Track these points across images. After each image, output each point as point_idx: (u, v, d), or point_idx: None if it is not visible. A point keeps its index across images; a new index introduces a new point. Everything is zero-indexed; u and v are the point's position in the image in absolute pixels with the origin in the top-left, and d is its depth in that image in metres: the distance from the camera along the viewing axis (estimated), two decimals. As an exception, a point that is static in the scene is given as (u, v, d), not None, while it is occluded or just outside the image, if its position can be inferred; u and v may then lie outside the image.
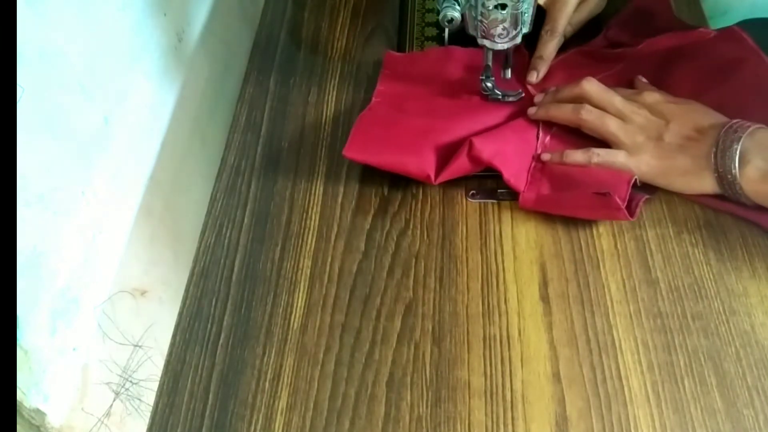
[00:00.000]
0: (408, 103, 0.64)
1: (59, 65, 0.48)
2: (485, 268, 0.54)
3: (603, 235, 0.54)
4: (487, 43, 0.58)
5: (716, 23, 0.72)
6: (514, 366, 0.48)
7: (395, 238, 0.56)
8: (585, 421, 0.46)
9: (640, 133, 0.56)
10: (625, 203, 0.52)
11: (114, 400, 0.57)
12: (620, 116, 0.57)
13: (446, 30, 0.59)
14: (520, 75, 0.65)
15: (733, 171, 0.51)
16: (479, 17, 0.56)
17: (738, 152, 0.51)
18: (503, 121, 0.62)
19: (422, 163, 0.57)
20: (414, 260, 0.54)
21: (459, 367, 0.49)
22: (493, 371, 0.48)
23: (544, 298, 0.51)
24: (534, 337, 0.50)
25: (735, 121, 0.53)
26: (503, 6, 0.54)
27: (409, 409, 0.47)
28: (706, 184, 0.54)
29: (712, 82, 0.58)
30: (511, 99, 0.62)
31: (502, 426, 0.46)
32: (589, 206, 0.54)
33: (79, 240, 0.52)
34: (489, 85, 0.62)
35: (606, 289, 0.52)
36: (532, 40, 0.64)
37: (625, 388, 0.47)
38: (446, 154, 0.58)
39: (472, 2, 0.55)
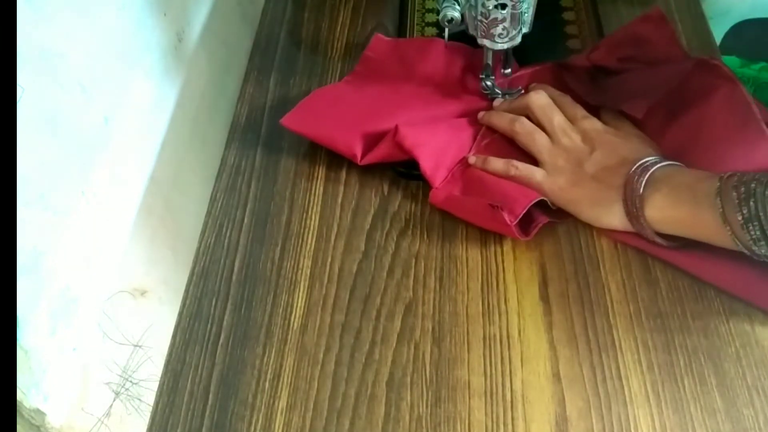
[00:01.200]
0: (371, 86, 0.64)
1: (59, 65, 0.48)
2: (485, 268, 0.54)
3: (603, 235, 0.54)
4: (487, 43, 0.58)
5: (716, 23, 0.72)
6: (514, 366, 0.48)
7: (395, 238, 0.56)
8: (585, 421, 0.46)
9: (562, 156, 0.55)
10: (516, 220, 0.51)
11: (114, 400, 0.57)
12: (551, 136, 0.56)
13: (446, 30, 0.59)
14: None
15: (637, 203, 0.49)
16: (479, 17, 0.56)
17: (643, 184, 0.49)
18: (453, 118, 0.61)
19: (351, 141, 0.58)
20: (414, 260, 0.54)
21: (459, 367, 0.49)
22: (493, 371, 0.48)
23: (544, 298, 0.51)
24: (534, 337, 0.50)
25: (653, 156, 0.51)
26: (503, 6, 0.54)
27: (409, 409, 0.47)
28: (614, 217, 0.52)
29: (683, 109, 0.55)
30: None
31: (502, 426, 0.46)
32: (486, 216, 0.53)
33: (79, 240, 0.52)
34: (489, 83, 0.62)
35: (606, 289, 0.52)
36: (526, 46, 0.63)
37: (625, 388, 0.47)
38: (379, 138, 0.58)
39: (472, 2, 0.55)
